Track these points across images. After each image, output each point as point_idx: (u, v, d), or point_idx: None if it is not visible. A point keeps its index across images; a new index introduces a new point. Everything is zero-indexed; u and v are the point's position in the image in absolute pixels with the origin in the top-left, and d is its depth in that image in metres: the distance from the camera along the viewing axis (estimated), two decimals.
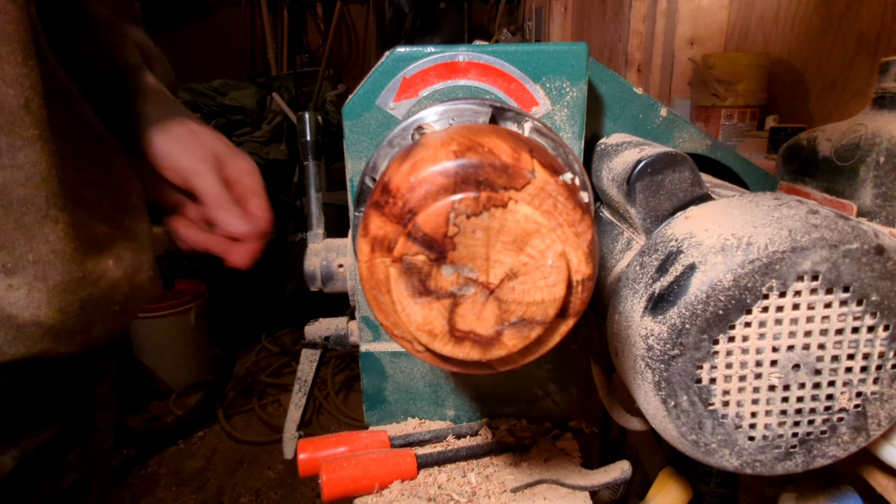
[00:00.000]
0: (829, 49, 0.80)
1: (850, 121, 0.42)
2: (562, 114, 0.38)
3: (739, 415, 0.29)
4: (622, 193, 0.35)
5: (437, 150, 0.25)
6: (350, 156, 0.39)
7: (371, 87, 0.38)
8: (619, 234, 0.39)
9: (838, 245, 0.26)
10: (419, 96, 0.38)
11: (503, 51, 0.37)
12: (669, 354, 0.28)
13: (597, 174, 0.41)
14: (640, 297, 0.30)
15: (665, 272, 0.29)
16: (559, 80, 0.37)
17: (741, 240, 0.27)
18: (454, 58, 0.37)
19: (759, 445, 0.29)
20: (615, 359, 0.33)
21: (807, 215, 0.27)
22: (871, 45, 0.71)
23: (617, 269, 0.37)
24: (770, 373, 0.28)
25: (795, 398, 0.28)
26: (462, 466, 0.43)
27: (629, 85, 0.43)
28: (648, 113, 0.44)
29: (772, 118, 0.84)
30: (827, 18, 0.81)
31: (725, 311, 0.27)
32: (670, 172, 0.33)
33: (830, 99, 0.81)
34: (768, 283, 0.26)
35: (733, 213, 0.29)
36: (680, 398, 0.28)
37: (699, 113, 0.96)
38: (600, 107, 0.44)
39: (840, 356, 0.28)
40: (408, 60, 0.37)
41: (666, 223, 0.33)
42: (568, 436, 0.46)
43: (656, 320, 0.28)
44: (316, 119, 0.51)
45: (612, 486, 0.42)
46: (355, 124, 0.38)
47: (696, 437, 0.29)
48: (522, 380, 0.46)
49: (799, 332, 0.27)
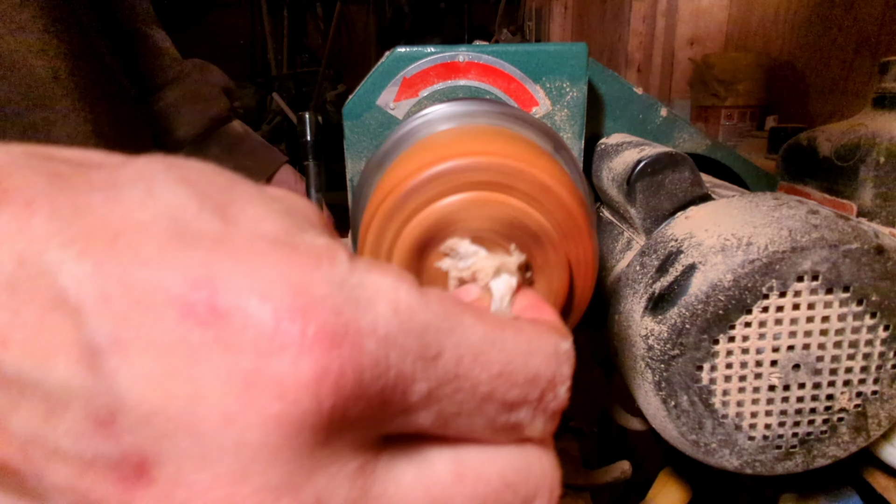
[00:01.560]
0: (829, 49, 0.80)
1: (850, 121, 0.42)
2: (562, 114, 0.38)
3: (739, 415, 0.29)
4: (622, 193, 0.35)
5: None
6: (350, 156, 0.39)
7: (371, 87, 0.38)
8: (619, 234, 0.39)
9: (838, 245, 0.26)
10: (419, 96, 0.38)
11: (503, 51, 0.37)
12: (670, 354, 0.28)
13: (597, 174, 0.41)
14: (640, 297, 0.30)
15: (665, 272, 0.29)
16: (559, 80, 0.37)
17: (741, 240, 0.27)
18: (454, 58, 0.37)
19: (760, 445, 0.29)
20: (615, 359, 0.33)
21: (807, 215, 0.27)
22: (871, 45, 0.71)
23: (617, 269, 0.37)
24: (770, 373, 0.28)
25: (795, 398, 0.28)
26: None
27: (629, 85, 0.43)
28: (648, 113, 0.44)
29: (772, 118, 0.84)
30: (827, 18, 0.81)
31: (725, 311, 0.27)
32: (670, 172, 0.33)
33: (830, 99, 0.81)
34: (768, 283, 0.26)
35: (733, 213, 0.29)
36: (680, 398, 0.28)
37: (699, 113, 0.97)
38: (600, 107, 0.44)
39: (840, 356, 0.28)
40: (408, 60, 0.37)
41: (666, 223, 0.33)
42: (568, 436, 0.46)
43: (656, 320, 0.28)
44: (316, 119, 0.51)
45: (612, 486, 0.42)
46: (355, 124, 0.38)
47: (696, 437, 0.29)
48: None
49: (799, 332, 0.27)
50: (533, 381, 0.14)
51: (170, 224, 0.11)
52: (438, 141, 0.28)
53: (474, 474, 0.14)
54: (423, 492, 0.13)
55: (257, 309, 0.11)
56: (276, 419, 0.11)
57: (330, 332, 0.11)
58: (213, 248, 0.11)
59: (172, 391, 0.11)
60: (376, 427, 0.13)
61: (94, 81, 0.38)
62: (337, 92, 2.79)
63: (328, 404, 0.11)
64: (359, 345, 0.11)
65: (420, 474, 0.14)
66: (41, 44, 0.33)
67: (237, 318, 0.11)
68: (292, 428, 0.11)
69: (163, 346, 0.11)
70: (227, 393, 0.11)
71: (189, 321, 0.11)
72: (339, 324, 0.11)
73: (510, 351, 0.14)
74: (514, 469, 0.15)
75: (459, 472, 0.14)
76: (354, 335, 0.11)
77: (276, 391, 0.11)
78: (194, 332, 0.11)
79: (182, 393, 0.11)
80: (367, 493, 0.12)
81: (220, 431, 0.11)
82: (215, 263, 0.11)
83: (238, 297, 0.11)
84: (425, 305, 0.13)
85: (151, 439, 0.11)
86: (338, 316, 0.11)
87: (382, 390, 0.12)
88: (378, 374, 0.12)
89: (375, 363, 0.12)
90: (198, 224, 0.12)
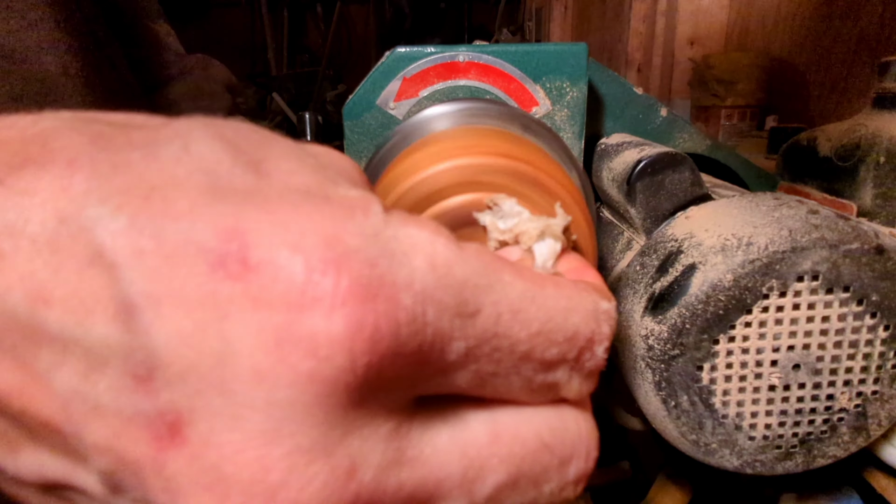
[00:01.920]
0: (830, 49, 0.80)
1: (850, 121, 0.42)
2: (562, 114, 0.38)
3: (740, 415, 0.29)
4: (622, 193, 0.35)
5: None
6: (350, 156, 0.39)
7: (371, 87, 0.38)
8: (619, 234, 0.39)
9: (838, 245, 0.26)
10: (419, 96, 0.38)
11: (503, 51, 0.37)
12: (670, 354, 0.28)
13: (597, 174, 0.41)
14: (640, 297, 0.30)
15: (665, 272, 0.29)
16: (559, 80, 0.37)
17: (741, 240, 0.27)
18: (454, 58, 0.37)
19: (760, 445, 0.29)
20: (615, 359, 0.33)
21: (807, 215, 0.27)
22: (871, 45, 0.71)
23: (617, 269, 0.37)
24: (770, 373, 0.28)
25: (795, 398, 0.28)
26: None
27: (629, 85, 0.43)
28: (648, 113, 0.44)
29: (772, 118, 0.85)
30: (827, 18, 0.81)
31: (726, 311, 0.27)
32: (670, 172, 0.33)
33: (830, 99, 0.81)
34: (768, 283, 0.26)
35: (733, 213, 0.29)
36: (680, 398, 0.28)
37: (699, 113, 0.97)
38: (600, 107, 0.44)
39: (840, 356, 0.28)
40: (408, 60, 0.37)
41: (666, 223, 0.33)
42: None
43: (656, 320, 0.28)
44: (316, 119, 0.51)
45: (612, 486, 0.42)
46: (355, 124, 0.38)
47: (697, 437, 0.29)
48: None
49: (799, 333, 0.27)
50: (572, 340, 0.13)
51: (204, 178, 0.11)
52: (438, 141, 0.28)
53: (511, 435, 0.14)
54: (459, 453, 0.13)
55: (288, 261, 0.10)
56: (307, 377, 0.10)
57: (364, 285, 0.11)
58: (245, 200, 0.11)
59: (204, 347, 0.10)
60: (412, 387, 0.12)
61: (103, 77, 0.38)
62: (337, 92, 2.79)
63: (363, 362, 0.10)
64: (395, 299, 0.11)
65: (456, 436, 0.13)
66: (52, 40, 0.33)
67: (268, 270, 0.10)
68: (325, 386, 0.10)
69: (194, 300, 0.10)
70: (258, 349, 0.10)
71: (219, 274, 0.10)
72: (373, 276, 0.11)
73: (550, 308, 0.13)
74: (551, 430, 0.14)
75: (496, 433, 0.13)
76: (390, 288, 0.11)
77: (307, 347, 0.10)
78: (224, 285, 0.10)
79: (213, 349, 0.10)
80: (402, 455, 0.12)
81: (251, 390, 0.10)
82: (246, 216, 0.11)
83: (269, 249, 0.10)
84: (463, 260, 0.12)
85: (186, 397, 0.10)
86: (372, 268, 0.11)
87: (420, 348, 0.11)
88: (415, 331, 0.11)
89: (412, 319, 0.11)
90: (231, 178, 0.12)
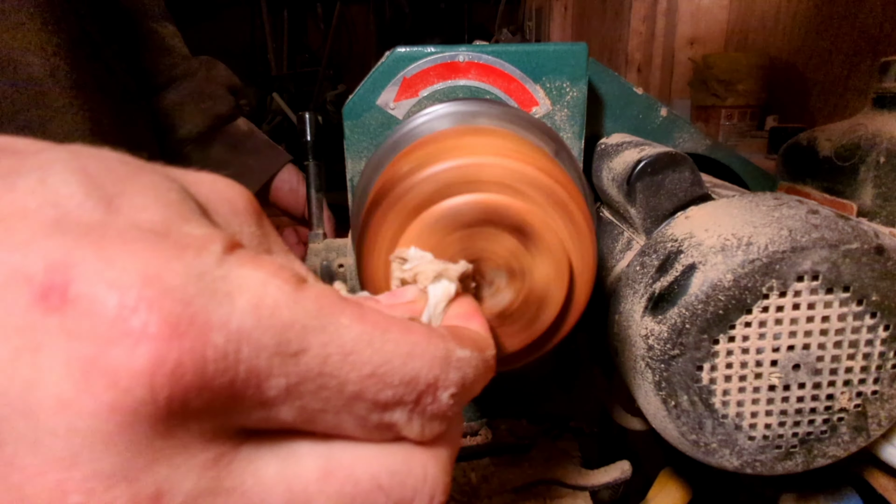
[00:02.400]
0: (830, 49, 0.80)
1: (850, 121, 0.42)
2: (562, 114, 0.38)
3: (740, 415, 0.29)
4: (622, 193, 0.35)
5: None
6: (350, 156, 0.39)
7: (371, 87, 0.38)
8: (619, 234, 0.39)
9: (838, 245, 0.26)
10: (419, 96, 0.38)
11: (503, 51, 0.37)
12: (670, 354, 0.28)
13: (597, 174, 0.41)
14: (640, 296, 0.30)
15: (665, 272, 0.29)
16: (559, 80, 0.37)
17: (741, 240, 0.27)
18: (454, 58, 0.37)
19: (760, 445, 0.29)
20: (615, 359, 0.33)
21: (807, 215, 0.27)
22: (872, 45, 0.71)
23: (617, 269, 0.37)
24: (770, 373, 0.28)
25: (795, 398, 0.28)
26: (462, 466, 0.43)
27: (629, 85, 0.43)
28: (648, 113, 0.44)
29: (772, 118, 0.85)
30: (827, 18, 0.81)
31: (726, 311, 0.27)
32: (670, 172, 0.33)
33: (830, 99, 0.81)
34: (768, 283, 0.26)
35: (733, 213, 0.29)
36: (680, 398, 0.28)
37: (699, 113, 0.97)
38: (600, 107, 0.44)
39: (840, 356, 0.28)
40: (408, 60, 0.37)
41: (666, 223, 0.33)
42: (568, 436, 0.46)
43: (656, 320, 0.28)
44: (316, 119, 0.51)
45: (612, 486, 0.42)
46: (355, 124, 0.38)
47: (697, 437, 0.29)
48: (523, 380, 0.46)
49: (799, 332, 0.27)
50: (410, 384, 0.14)
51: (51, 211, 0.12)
52: (438, 141, 0.28)
53: (343, 473, 0.14)
54: (283, 487, 0.13)
55: (104, 296, 0.11)
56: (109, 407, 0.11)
57: (173, 323, 0.11)
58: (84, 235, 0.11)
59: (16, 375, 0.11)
60: (229, 419, 0.12)
61: (95, 78, 0.38)
62: (337, 92, 2.79)
63: (164, 394, 0.11)
64: (204, 337, 0.11)
65: (284, 469, 0.13)
66: (39, 41, 0.33)
67: (83, 304, 0.11)
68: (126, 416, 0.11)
69: (12, 329, 0.11)
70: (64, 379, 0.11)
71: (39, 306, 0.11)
72: (184, 314, 0.11)
73: (388, 351, 0.14)
74: (391, 472, 0.14)
75: (327, 470, 0.14)
76: (201, 327, 0.11)
77: (110, 379, 0.11)
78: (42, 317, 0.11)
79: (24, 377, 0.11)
80: (218, 484, 0.12)
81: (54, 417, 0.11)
82: (77, 251, 0.11)
83: (89, 284, 0.11)
84: (294, 303, 0.13)
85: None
86: (185, 307, 0.11)
87: (231, 383, 0.12)
88: (225, 368, 0.12)
89: (222, 356, 0.12)
90: (79, 212, 0.12)
